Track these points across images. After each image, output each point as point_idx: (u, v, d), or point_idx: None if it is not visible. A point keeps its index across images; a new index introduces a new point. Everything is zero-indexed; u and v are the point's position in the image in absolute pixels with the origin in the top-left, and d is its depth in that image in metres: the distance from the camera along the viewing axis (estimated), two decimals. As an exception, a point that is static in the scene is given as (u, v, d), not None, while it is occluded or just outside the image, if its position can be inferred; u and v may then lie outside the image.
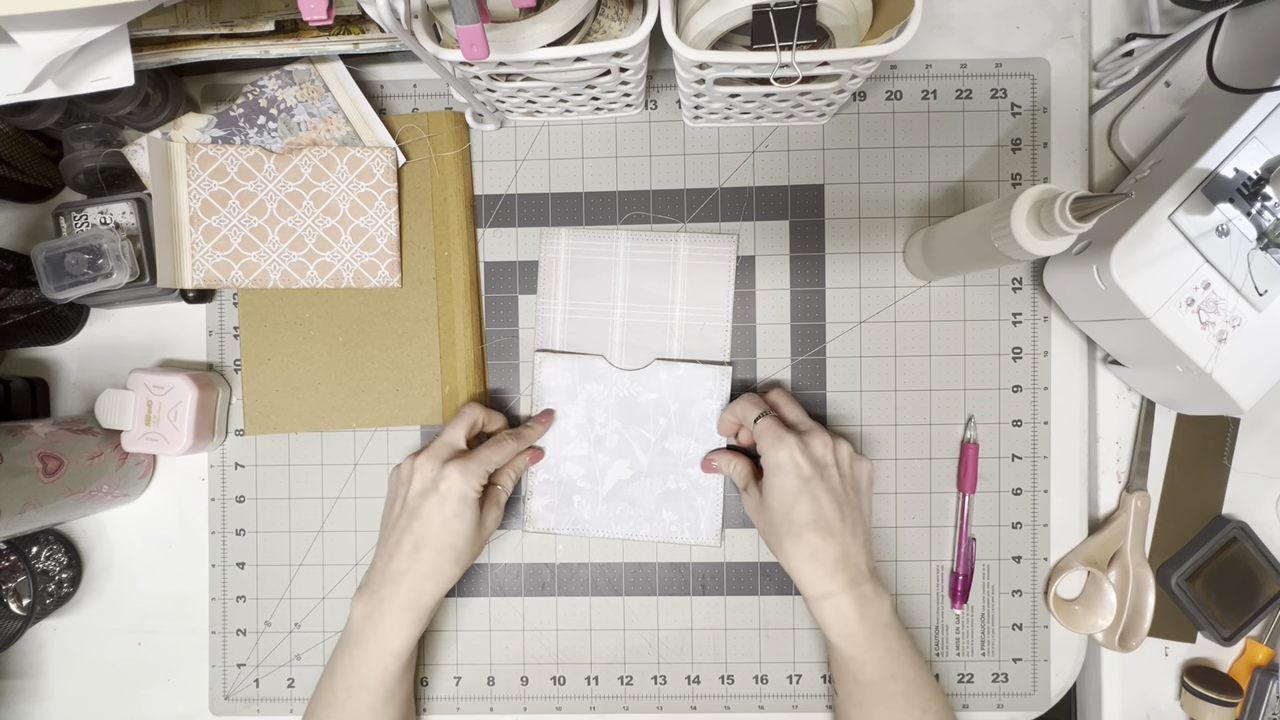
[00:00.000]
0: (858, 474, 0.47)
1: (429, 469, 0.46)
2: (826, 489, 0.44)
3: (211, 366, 0.54)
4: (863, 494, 0.47)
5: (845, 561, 0.44)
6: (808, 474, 0.44)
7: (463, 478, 0.46)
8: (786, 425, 0.47)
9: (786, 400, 0.49)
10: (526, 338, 0.53)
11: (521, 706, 0.53)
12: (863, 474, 0.47)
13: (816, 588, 0.44)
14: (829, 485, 0.44)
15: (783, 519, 0.44)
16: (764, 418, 0.47)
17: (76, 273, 0.47)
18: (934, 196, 0.52)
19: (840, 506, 0.44)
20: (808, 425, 0.47)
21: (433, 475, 0.46)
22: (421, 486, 0.46)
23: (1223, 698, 0.50)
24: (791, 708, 0.53)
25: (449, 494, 0.45)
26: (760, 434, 0.46)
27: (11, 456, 0.44)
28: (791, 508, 0.44)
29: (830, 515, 0.44)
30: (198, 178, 0.50)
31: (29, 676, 0.54)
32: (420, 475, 0.47)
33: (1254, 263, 0.42)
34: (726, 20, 0.38)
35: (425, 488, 0.46)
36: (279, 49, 0.47)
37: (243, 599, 0.54)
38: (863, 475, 0.47)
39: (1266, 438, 0.52)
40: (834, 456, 0.45)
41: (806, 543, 0.44)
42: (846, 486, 0.45)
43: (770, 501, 0.45)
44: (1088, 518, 0.53)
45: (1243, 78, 0.43)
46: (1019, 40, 0.52)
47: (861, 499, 0.47)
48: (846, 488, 0.45)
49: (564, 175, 0.53)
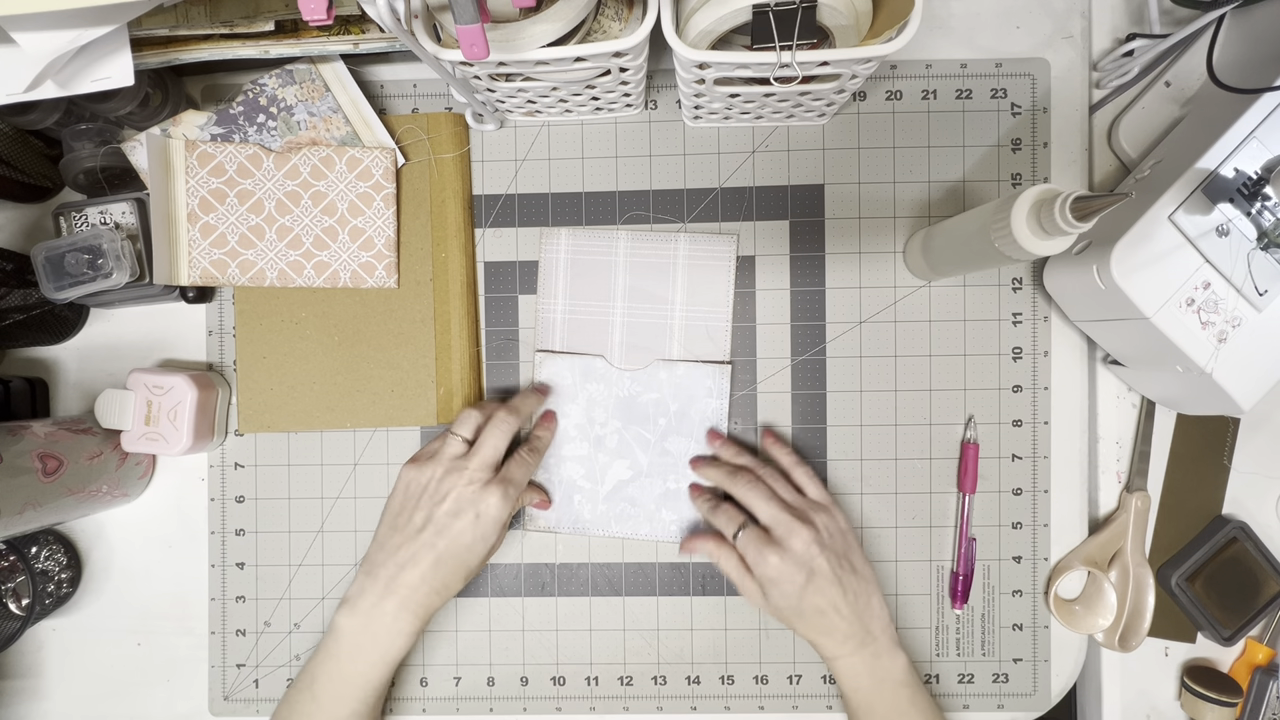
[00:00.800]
0: (846, 548, 0.47)
1: (469, 491, 0.45)
2: (821, 583, 0.45)
3: (211, 366, 0.54)
4: (857, 564, 0.47)
5: (853, 629, 0.46)
6: (799, 580, 0.45)
7: (503, 503, 0.46)
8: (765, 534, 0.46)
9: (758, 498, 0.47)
10: (526, 338, 0.53)
11: (521, 707, 0.53)
12: (851, 544, 0.48)
13: (827, 652, 0.47)
14: (822, 578, 0.45)
15: (791, 615, 0.46)
16: (743, 532, 0.47)
17: (76, 273, 0.47)
18: (934, 196, 0.52)
19: (840, 586, 0.45)
20: (784, 526, 0.46)
21: (472, 497, 0.45)
22: (457, 507, 0.45)
23: (1223, 698, 0.50)
24: (791, 708, 0.53)
25: (486, 517, 0.45)
26: (744, 549, 0.47)
27: (11, 456, 0.44)
28: (796, 607, 0.46)
29: (833, 600, 0.45)
30: (196, 175, 0.50)
31: (28, 676, 0.54)
32: (457, 496, 0.45)
33: (1254, 263, 0.42)
34: (726, 20, 0.38)
35: (461, 508, 0.45)
36: (279, 49, 0.47)
37: (242, 599, 0.54)
38: (851, 546, 0.48)
39: (1266, 438, 0.52)
40: (818, 546, 0.45)
41: (815, 624, 0.46)
42: (839, 566, 0.46)
43: (774, 603, 0.46)
44: (1088, 518, 0.53)
45: (1243, 78, 0.43)
46: (1019, 40, 0.52)
47: (857, 566, 0.47)
48: (840, 568, 0.46)
49: (564, 175, 0.53)
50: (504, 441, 0.47)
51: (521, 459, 0.48)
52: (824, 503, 0.49)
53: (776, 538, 0.46)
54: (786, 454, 0.50)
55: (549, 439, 0.51)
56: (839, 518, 0.48)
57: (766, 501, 0.47)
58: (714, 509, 0.49)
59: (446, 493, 0.45)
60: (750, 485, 0.48)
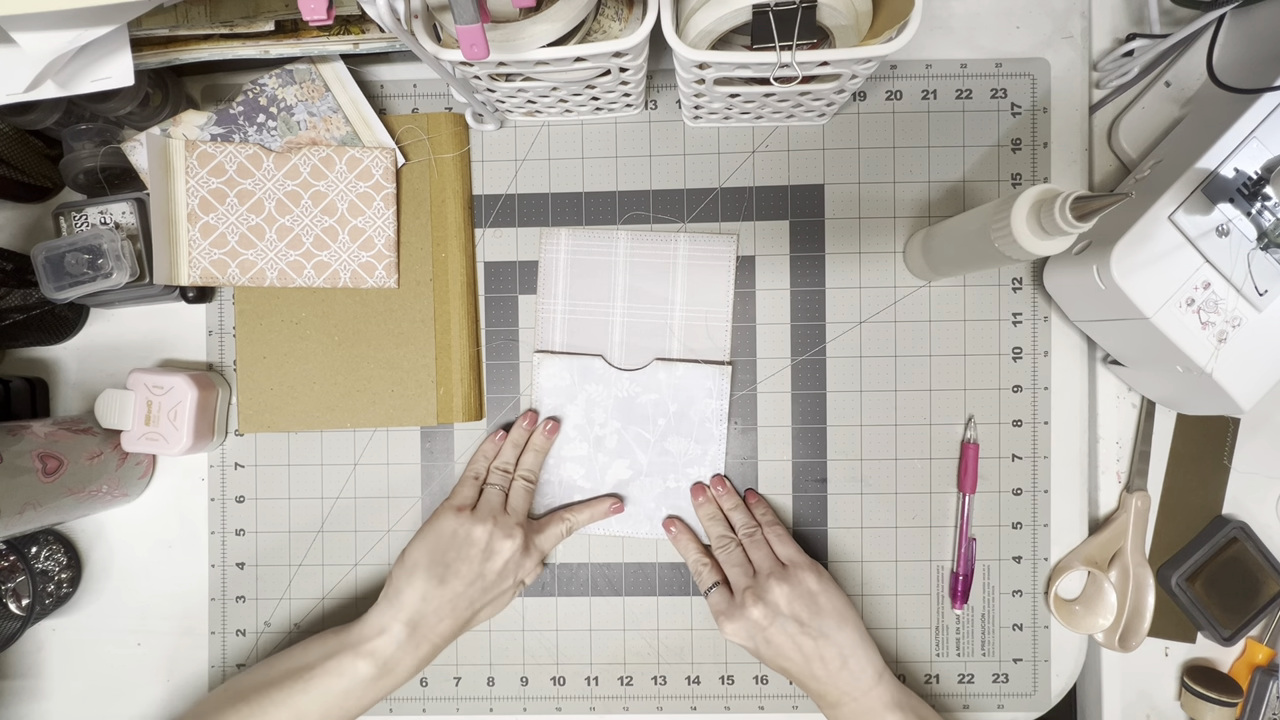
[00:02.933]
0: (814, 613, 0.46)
1: (516, 557, 0.48)
2: (774, 650, 0.46)
3: (211, 366, 0.54)
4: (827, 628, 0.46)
5: (830, 693, 0.46)
6: (751, 645, 0.47)
7: (535, 575, 0.50)
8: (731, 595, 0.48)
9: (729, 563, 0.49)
10: (526, 338, 0.53)
11: (521, 707, 0.53)
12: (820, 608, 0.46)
13: (819, 702, 0.47)
14: (775, 647, 0.46)
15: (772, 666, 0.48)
16: (711, 592, 0.49)
17: (76, 273, 0.47)
18: (934, 196, 0.52)
19: (800, 654, 0.46)
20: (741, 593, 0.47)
21: (517, 563, 0.49)
22: (503, 567, 0.48)
23: (1223, 698, 0.50)
24: (791, 708, 0.53)
25: (524, 580, 0.50)
26: (712, 609, 0.49)
27: (11, 456, 0.44)
28: (770, 662, 0.47)
29: (793, 666, 0.46)
30: (196, 175, 0.50)
31: (28, 676, 0.54)
32: (503, 556, 0.48)
33: (1254, 263, 0.42)
34: (726, 20, 0.38)
35: (505, 570, 0.48)
36: (279, 49, 0.47)
37: (242, 599, 0.54)
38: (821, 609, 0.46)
39: (1266, 438, 0.52)
40: (769, 618, 0.46)
41: (797, 681, 0.47)
42: (801, 633, 0.46)
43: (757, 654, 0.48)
44: (1088, 518, 0.53)
45: (1243, 78, 0.43)
46: (1019, 40, 0.52)
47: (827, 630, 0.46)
48: (802, 634, 0.46)
49: (564, 175, 0.53)
50: (529, 504, 0.51)
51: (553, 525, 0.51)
52: (793, 563, 0.48)
53: (737, 603, 0.47)
54: (763, 513, 0.52)
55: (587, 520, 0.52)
56: (807, 579, 0.47)
57: (734, 566, 0.49)
58: (696, 560, 0.51)
59: (497, 553, 0.48)
60: (724, 548, 0.50)
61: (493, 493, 0.50)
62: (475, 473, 0.51)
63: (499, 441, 0.52)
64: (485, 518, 0.48)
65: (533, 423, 0.52)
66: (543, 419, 0.52)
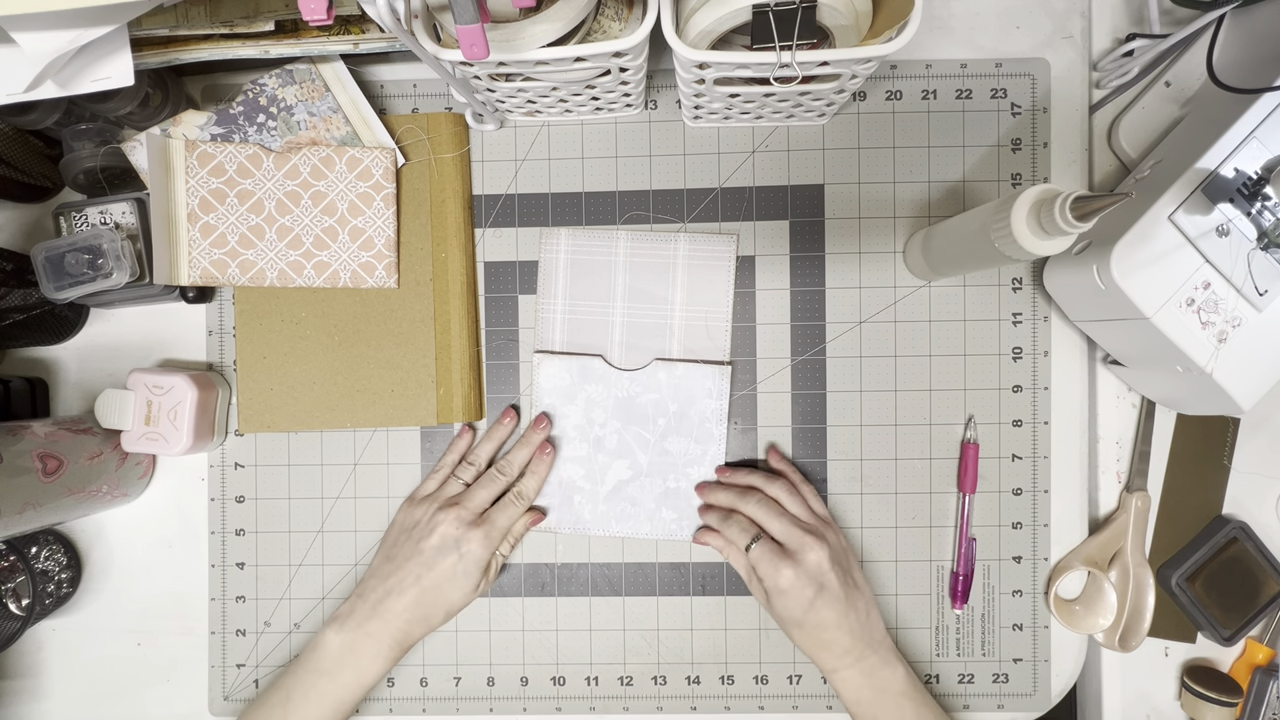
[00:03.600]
0: (850, 565, 0.49)
1: (453, 530, 0.48)
2: (829, 598, 0.46)
3: (211, 366, 0.54)
4: (859, 580, 0.49)
5: (854, 644, 0.47)
6: (809, 594, 0.46)
7: (484, 547, 0.48)
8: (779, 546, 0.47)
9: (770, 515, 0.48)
10: (526, 338, 0.53)
11: (521, 707, 0.53)
12: (852, 561, 0.49)
13: (826, 665, 0.47)
14: (831, 594, 0.46)
15: (793, 624, 0.47)
16: (756, 544, 0.48)
17: (76, 273, 0.47)
18: (934, 196, 0.52)
19: (847, 602, 0.47)
20: (796, 540, 0.47)
21: (456, 537, 0.48)
22: (441, 543, 0.48)
23: (1223, 698, 0.50)
24: (791, 708, 0.53)
25: (468, 558, 0.48)
26: (757, 562, 0.47)
27: (11, 456, 0.44)
28: (801, 619, 0.46)
29: (838, 616, 0.46)
30: (196, 175, 0.50)
31: (28, 676, 0.54)
32: (442, 533, 0.48)
33: (1254, 263, 0.42)
34: (726, 20, 0.38)
35: (444, 546, 0.48)
36: (279, 49, 0.47)
37: (242, 599, 0.54)
38: (853, 562, 0.49)
39: (1266, 438, 0.52)
40: (830, 562, 0.46)
41: (817, 637, 0.47)
42: (846, 583, 0.47)
43: (779, 612, 0.48)
44: (1088, 518, 0.53)
45: (1243, 78, 0.43)
46: (1019, 40, 0.52)
47: (859, 582, 0.49)
48: (846, 584, 0.47)
49: (564, 175, 0.53)
50: (492, 493, 0.50)
51: (507, 503, 0.50)
52: (829, 520, 0.50)
53: (790, 551, 0.47)
54: (793, 470, 0.52)
55: (537, 485, 0.52)
56: (842, 535, 0.50)
57: (779, 518, 0.48)
58: (725, 519, 0.50)
59: (434, 529, 0.48)
60: (761, 503, 0.49)
61: (453, 483, 0.51)
62: (440, 466, 0.52)
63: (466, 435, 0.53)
64: (431, 500, 0.50)
65: (514, 420, 0.52)
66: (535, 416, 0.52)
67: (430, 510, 0.49)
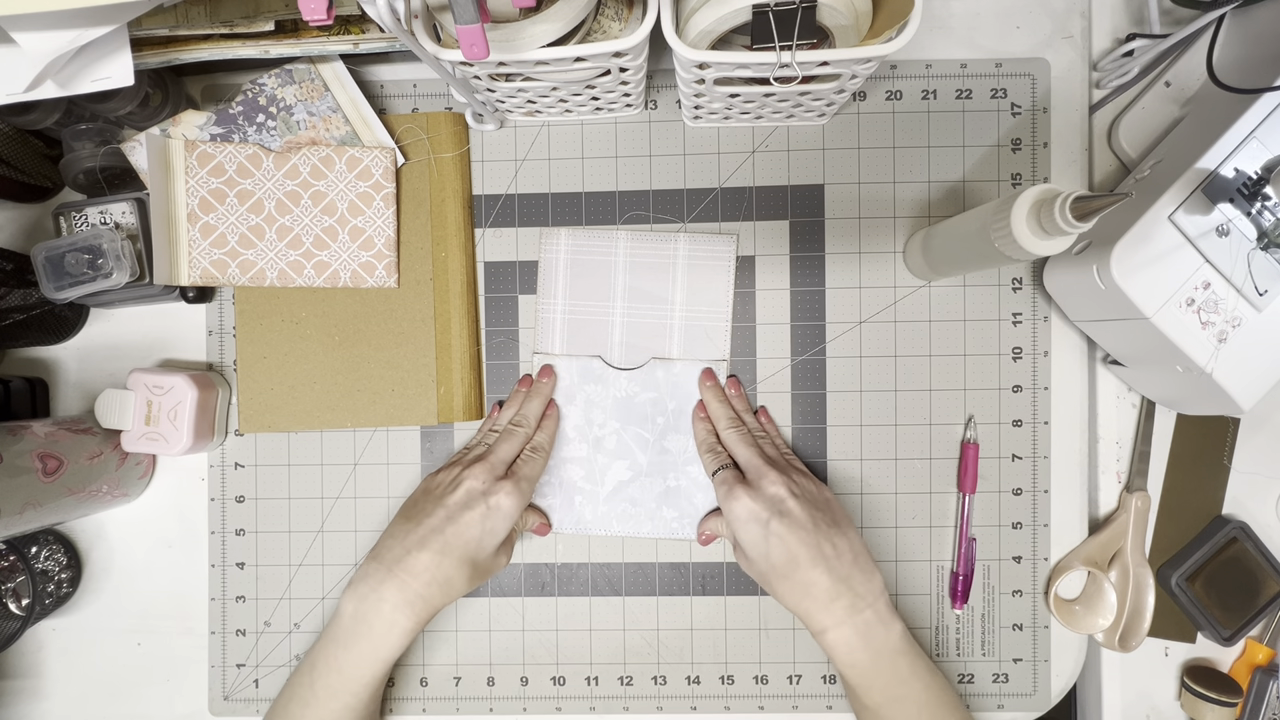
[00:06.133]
0: (826, 503, 0.46)
1: (481, 482, 0.46)
2: (790, 524, 0.43)
3: (211, 366, 0.54)
4: (839, 519, 0.46)
5: (839, 589, 0.43)
6: (764, 517, 0.44)
7: (513, 499, 0.46)
8: (741, 475, 0.47)
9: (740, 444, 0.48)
10: (526, 338, 0.53)
11: (521, 707, 0.53)
12: (833, 504, 0.47)
13: (815, 622, 0.44)
14: (792, 520, 0.43)
15: (766, 567, 0.44)
16: (721, 471, 0.47)
17: (76, 273, 0.47)
18: (934, 196, 0.52)
19: (815, 535, 0.43)
20: (757, 470, 0.46)
21: (484, 488, 0.46)
22: (468, 497, 0.46)
23: (1223, 698, 0.50)
24: (791, 708, 0.53)
25: (497, 509, 0.45)
26: (717, 489, 0.47)
27: (11, 456, 0.44)
28: (767, 554, 0.44)
29: (806, 548, 0.43)
30: (196, 175, 0.50)
31: (28, 677, 0.54)
32: (469, 487, 0.46)
33: (1254, 263, 0.42)
34: (726, 20, 0.38)
35: (472, 498, 0.46)
36: (279, 49, 0.47)
37: (242, 599, 0.54)
38: (833, 505, 0.47)
39: (1266, 438, 0.52)
40: (787, 489, 0.45)
41: (795, 581, 0.43)
42: (814, 514, 0.44)
43: (747, 553, 0.46)
44: (1088, 518, 0.53)
45: (1243, 78, 0.43)
46: (1019, 40, 0.52)
47: (838, 520, 0.46)
48: (814, 516, 0.44)
49: (564, 175, 0.53)
50: (515, 447, 0.49)
51: (529, 456, 0.49)
52: (805, 470, 0.49)
53: (749, 479, 0.46)
54: (778, 434, 0.52)
55: (550, 438, 0.51)
56: (825, 489, 0.48)
57: (747, 447, 0.47)
58: (705, 443, 0.50)
59: (459, 484, 0.46)
60: (736, 432, 0.48)
61: (475, 447, 0.50)
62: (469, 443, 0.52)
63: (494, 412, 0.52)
64: (455, 463, 0.49)
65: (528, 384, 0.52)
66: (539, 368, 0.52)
67: (455, 470, 0.47)
